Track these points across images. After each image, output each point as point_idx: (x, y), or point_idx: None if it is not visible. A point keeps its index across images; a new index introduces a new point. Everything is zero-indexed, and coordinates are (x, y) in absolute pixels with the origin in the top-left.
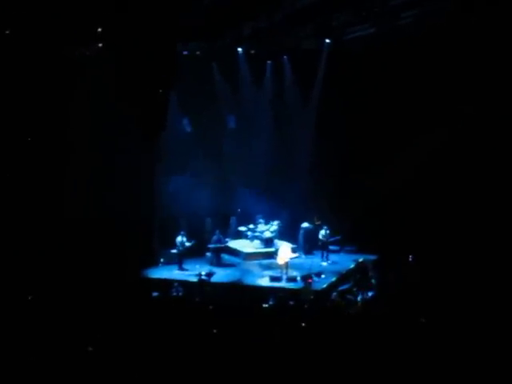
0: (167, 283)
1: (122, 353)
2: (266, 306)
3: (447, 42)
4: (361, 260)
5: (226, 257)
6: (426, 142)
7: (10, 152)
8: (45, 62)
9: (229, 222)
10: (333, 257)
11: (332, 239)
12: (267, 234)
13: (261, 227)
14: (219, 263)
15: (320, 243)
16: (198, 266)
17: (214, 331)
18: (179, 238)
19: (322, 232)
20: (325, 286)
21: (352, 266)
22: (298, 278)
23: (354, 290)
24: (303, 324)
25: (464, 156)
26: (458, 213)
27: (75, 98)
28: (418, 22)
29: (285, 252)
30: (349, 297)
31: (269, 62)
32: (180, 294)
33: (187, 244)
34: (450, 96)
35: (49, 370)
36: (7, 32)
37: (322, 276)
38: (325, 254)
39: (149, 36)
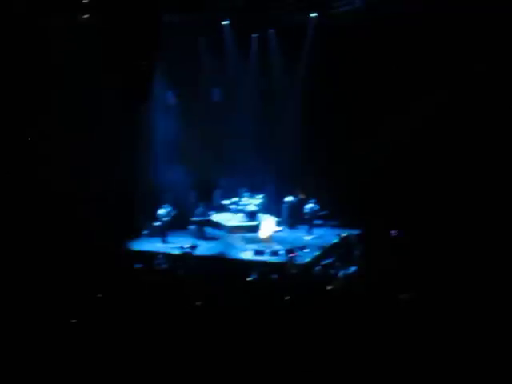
0: (150, 255)
1: (105, 325)
2: (250, 279)
3: (437, 13)
4: (344, 234)
5: (209, 230)
6: (414, 114)
7: None
8: (27, 31)
9: (212, 195)
10: (317, 231)
11: (320, 214)
12: (251, 208)
13: (245, 201)
14: (203, 236)
15: (306, 217)
16: (181, 239)
17: (198, 304)
18: (161, 211)
19: (310, 206)
20: (308, 260)
21: (335, 240)
22: (282, 252)
23: (337, 264)
24: (286, 298)
25: (451, 128)
26: (448, 186)
27: (58, 68)
28: None
29: (268, 226)
30: (331, 271)
31: (254, 35)
32: (163, 266)
33: (169, 216)
34: (440, 67)
35: (32, 338)
36: None
37: (306, 250)
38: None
39: (133, 7)
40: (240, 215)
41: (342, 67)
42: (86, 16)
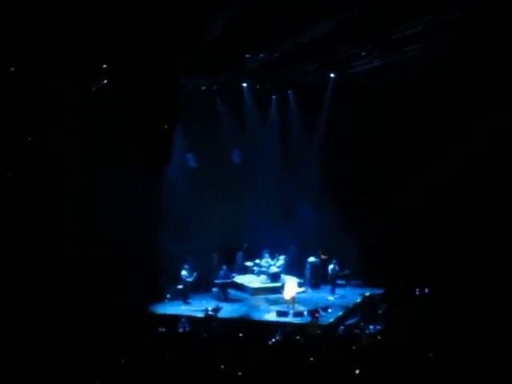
0: (174, 319)
1: None
2: (273, 340)
3: (452, 72)
4: (367, 294)
5: (232, 292)
6: (435, 173)
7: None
8: (49, 96)
9: (235, 257)
10: (339, 291)
11: (342, 273)
12: (274, 269)
13: (267, 262)
14: (226, 299)
15: (330, 277)
16: (204, 302)
17: (222, 367)
18: (183, 272)
19: (331, 266)
20: (332, 320)
21: (359, 299)
22: (305, 313)
23: (361, 324)
24: (311, 358)
25: (474, 185)
26: (473, 245)
27: (79, 133)
28: (423, 54)
29: (291, 287)
30: (356, 331)
31: (274, 96)
32: (187, 329)
33: (189, 278)
34: (459, 127)
35: None
36: (12, 69)
37: (329, 310)
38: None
39: (153, 71)
40: (263, 277)
41: (361, 126)
42: (104, 81)
